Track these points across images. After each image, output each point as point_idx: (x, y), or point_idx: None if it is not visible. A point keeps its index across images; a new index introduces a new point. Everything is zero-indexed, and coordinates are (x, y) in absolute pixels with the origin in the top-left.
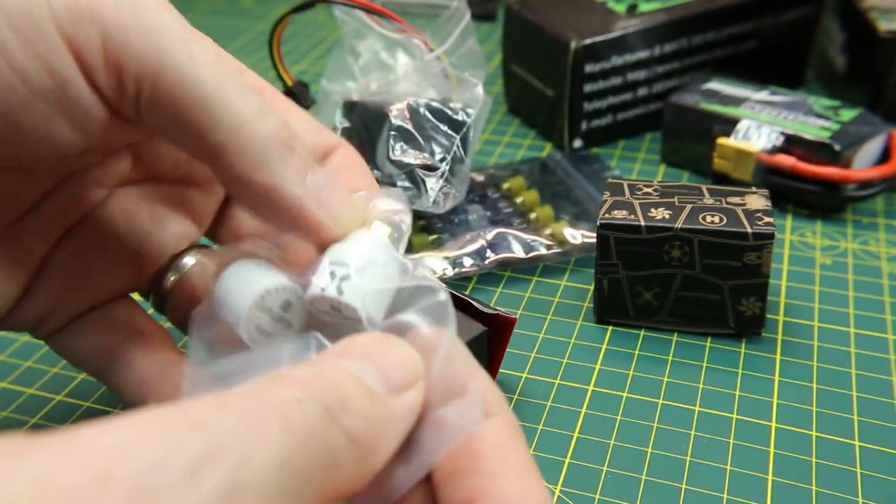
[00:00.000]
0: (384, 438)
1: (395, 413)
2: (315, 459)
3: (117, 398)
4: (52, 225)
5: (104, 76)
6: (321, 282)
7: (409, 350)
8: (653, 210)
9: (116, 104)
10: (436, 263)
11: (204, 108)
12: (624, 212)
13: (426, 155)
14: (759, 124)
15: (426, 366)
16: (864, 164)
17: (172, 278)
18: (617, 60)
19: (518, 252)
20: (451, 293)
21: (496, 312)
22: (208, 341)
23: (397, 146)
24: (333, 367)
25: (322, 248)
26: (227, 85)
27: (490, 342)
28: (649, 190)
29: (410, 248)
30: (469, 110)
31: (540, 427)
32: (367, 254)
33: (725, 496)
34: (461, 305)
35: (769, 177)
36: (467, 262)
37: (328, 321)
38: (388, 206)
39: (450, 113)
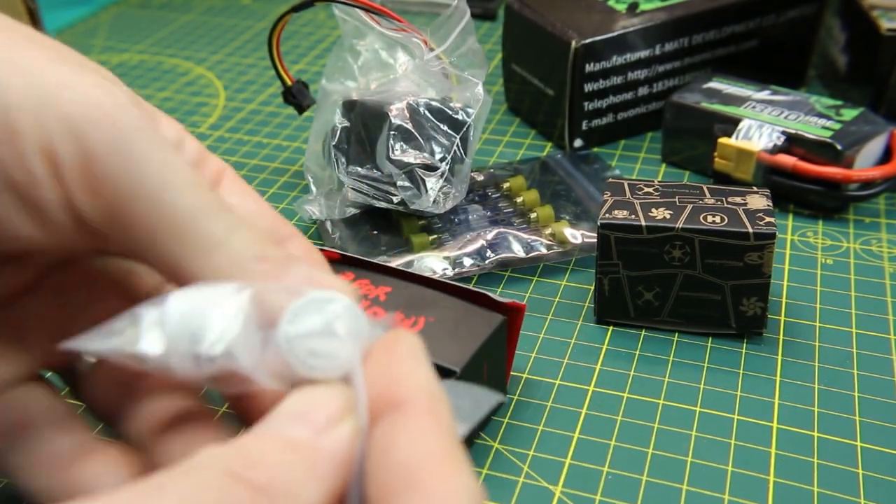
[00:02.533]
0: (313, 477)
1: (326, 450)
2: None
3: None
4: None
5: (79, 192)
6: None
7: (336, 388)
8: (653, 210)
9: (88, 218)
10: (436, 263)
11: (175, 237)
12: (625, 212)
13: (426, 154)
14: (760, 124)
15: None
16: (865, 163)
17: (92, 360)
18: (618, 59)
19: (518, 252)
20: (461, 287)
21: (508, 301)
22: None
23: (397, 146)
24: (249, 439)
25: None
26: (201, 211)
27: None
28: (650, 190)
29: (411, 248)
30: (469, 110)
31: (540, 428)
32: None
33: (726, 497)
34: (475, 298)
35: (770, 176)
36: (467, 262)
37: (296, 356)
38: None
39: (450, 112)
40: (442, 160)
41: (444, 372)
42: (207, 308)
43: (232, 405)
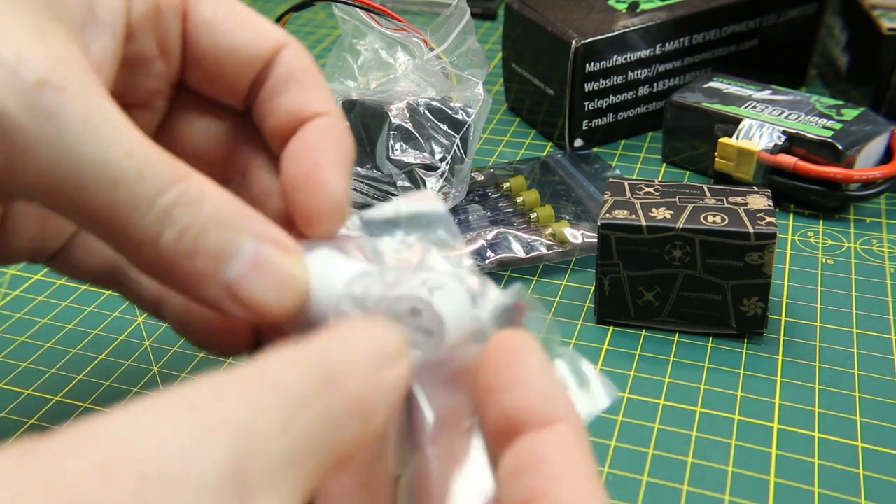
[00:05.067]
0: (380, 404)
1: (386, 382)
2: (317, 424)
3: (129, 385)
4: None
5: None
6: (414, 282)
7: (392, 327)
8: (654, 210)
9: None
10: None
11: (101, 233)
12: (625, 211)
13: (426, 154)
14: (760, 123)
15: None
16: (866, 163)
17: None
18: (618, 59)
19: (518, 252)
20: None
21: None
22: None
23: (397, 145)
24: (329, 344)
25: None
26: (122, 210)
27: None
28: (650, 189)
29: None
30: (469, 109)
31: None
32: (448, 270)
33: (727, 497)
34: None
35: (771, 176)
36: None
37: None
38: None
39: (450, 112)
40: (442, 160)
41: None
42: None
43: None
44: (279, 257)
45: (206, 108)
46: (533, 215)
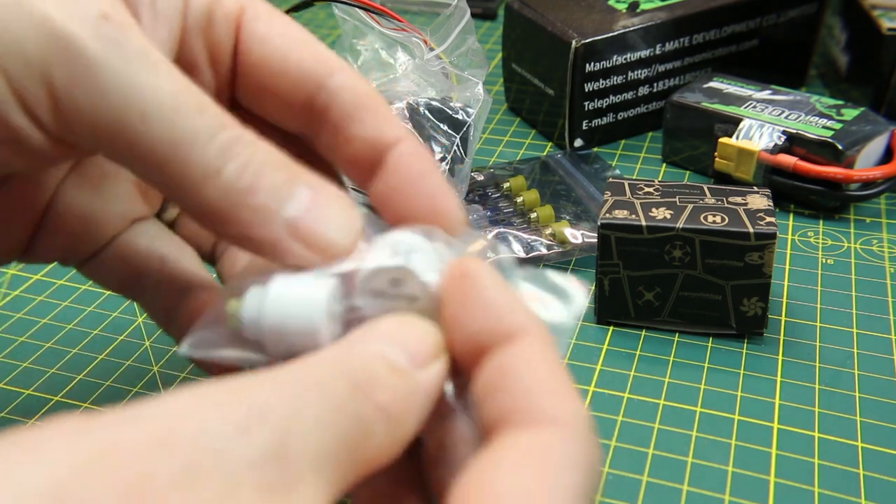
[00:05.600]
0: (412, 409)
1: (420, 384)
2: (351, 427)
3: (129, 385)
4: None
5: (55, 131)
6: (384, 254)
7: (429, 326)
8: (654, 210)
9: (75, 150)
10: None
11: (161, 170)
12: (625, 211)
13: None
14: (760, 123)
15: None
16: (866, 163)
17: (175, 210)
18: (618, 59)
19: (518, 252)
20: None
21: None
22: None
23: None
24: (358, 348)
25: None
26: (184, 141)
27: None
28: (650, 189)
29: None
30: (469, 109)
31: None
32: (413, 241)
33: (727, 497)
34: None
35: (771, 176)
36: None
37: (374, 308)
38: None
39: (450, 112)
40: (442, 160)
41: None
42: (299, 302)
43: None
44: (336, 196)
45: (257, 127)
46: (533, 215)
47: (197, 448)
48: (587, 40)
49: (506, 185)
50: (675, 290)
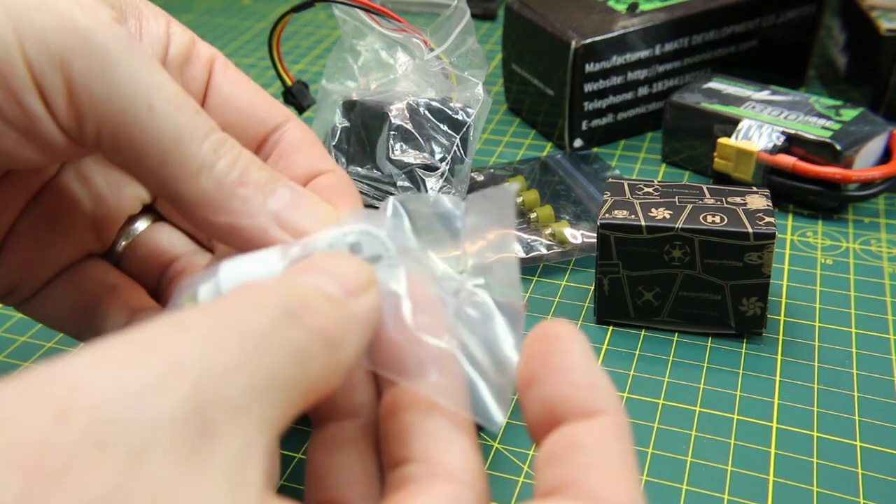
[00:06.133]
0: (349, 333)
1: (356, 312)
2: (282, 358)
3: None
4: (13, 199)
5: (66, 119)
6: (336, 231)
7: (360, 261)
8: (653, 210)
9: (79, 141)
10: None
11: (161, 161)
12: (624, 212)
13: (426, 155)
14: (759, 124)
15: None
16: (865, 163)
17: (123, 243)
18: (617, 60)
19: (518, 252)
20: None
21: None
22: None
23: (397, 146)
24: (291, 279)
25: None
26: (185, 134)
27: None
28: (650, 190)
29: None
30: (469, 110)
31: None
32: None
33: (726, 497)
34: None
35: (770, 176)
36: None
37: None
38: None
39: (450, 112)
40: (442, 160)
41: None
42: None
43: None
44: (312, 197)
45: None
46: (533, 215)
47: (99, 416)
48: (587, 41)
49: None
50: (674, 290)
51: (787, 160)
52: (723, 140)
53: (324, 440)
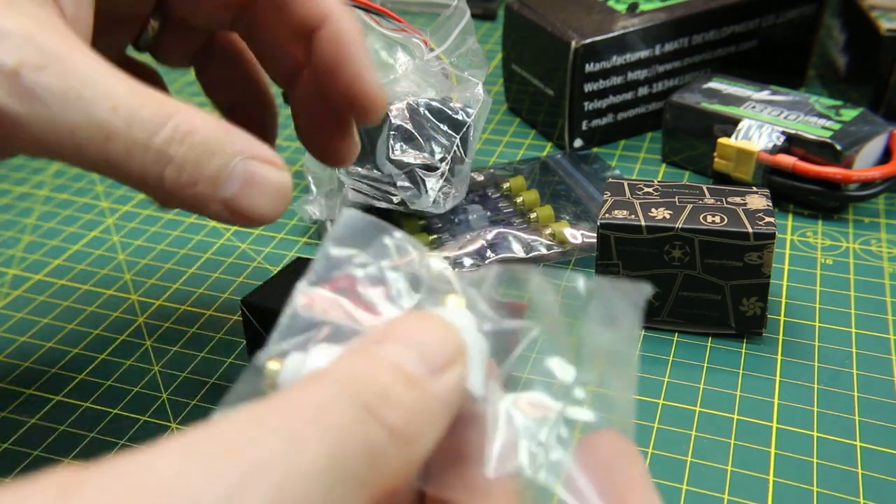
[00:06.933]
0: (427, 425)
1: (437, 395)
2: (358, 459)
3: (130, 385)
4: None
5: None
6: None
7: (447, 326)
8: (653, 210)
9: None
10: (435, 263)
11: (109, 176)
12: (624, 211)
13: (426, 154)
14: (760, 124)
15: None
16: (865, 163)
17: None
18: (617, 60)
19: (518, 252)
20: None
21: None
22: None
23: (397, 146)
24: (371, 357)
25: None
26: (121, 159)
27: None
28: (650, 190)
29: None
30: (469, 110)
31: None
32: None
33: (726, 497)
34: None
35: (770, 176)
36: (467, 261)
37: None
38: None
39: (450, 112)
40: (442, 160)
41: None
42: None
43: None
44: (266, 170)
45: (187, 33)
46: (533, 215)
47: None
48: (587, 41)
49: (506, 185)
50: (674, 290)
51: (787, 160)
52: (723, 140)
53: None
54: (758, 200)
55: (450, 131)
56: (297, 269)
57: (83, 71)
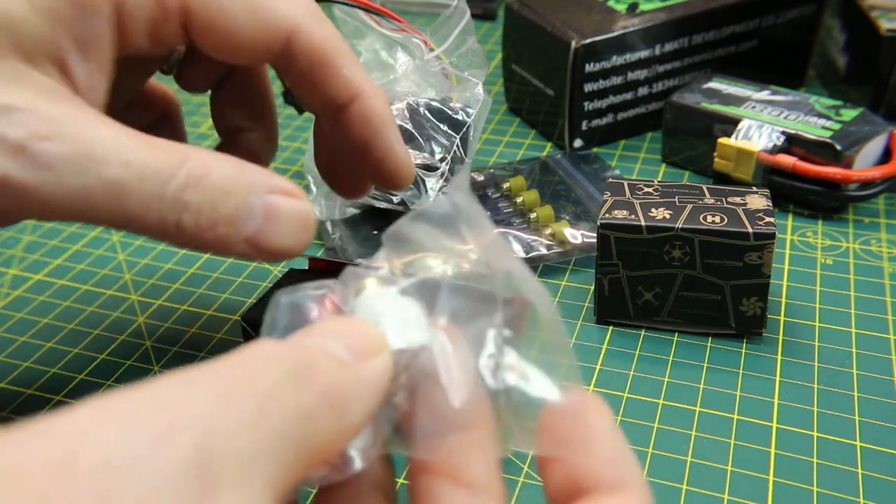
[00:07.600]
0: (356, 397)
1: (363, 376)
2: (289, 418)
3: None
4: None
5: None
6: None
7: (369, 326)
8: (653, 210)
9: None
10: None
11: (130, 230)
12: (624, 211)
13: (426, 154)
14: (759, 124)
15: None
16: (865, 163)
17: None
18: (617, 60)
19: (518, 252)
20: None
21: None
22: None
23: None
24: (301, 341)
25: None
26: (137, 215)
27: None
28: (650, 190)
29: None
30: (469, 110)
31: None
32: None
33: (726, 497)
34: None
35: (770, 176)
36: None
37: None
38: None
39: (450, 112)
40: (442, 160)
41: None
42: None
43: None
44: (286, 202)
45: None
46: (533, 215)
47: (103, 470)
48: (587, 41)
49: (506, 185)
50: (674, 290)
51: (787, 160)
52: (723, 140)
53: (329, 497)
54: (758, 200)
55: (450, 131)
56: (291, 280)
57: (91, 133)
